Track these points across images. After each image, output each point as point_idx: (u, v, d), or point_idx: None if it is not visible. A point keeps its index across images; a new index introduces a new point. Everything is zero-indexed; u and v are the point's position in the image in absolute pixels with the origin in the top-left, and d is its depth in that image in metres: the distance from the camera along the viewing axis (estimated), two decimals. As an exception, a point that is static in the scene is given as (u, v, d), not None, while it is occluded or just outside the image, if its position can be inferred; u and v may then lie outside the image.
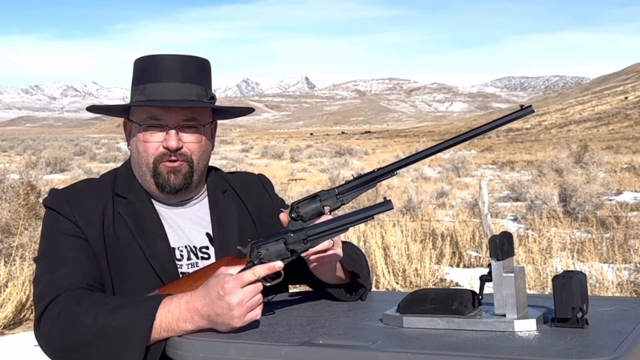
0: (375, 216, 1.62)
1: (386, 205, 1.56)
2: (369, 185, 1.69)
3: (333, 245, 1.67)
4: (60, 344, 1.58)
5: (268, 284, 1.63)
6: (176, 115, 1.76)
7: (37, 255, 1.75)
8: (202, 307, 1.55)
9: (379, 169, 1.67)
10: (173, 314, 1.56)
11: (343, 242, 1.84)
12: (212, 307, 1.54)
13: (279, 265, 1.59)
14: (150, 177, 1.79)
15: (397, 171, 1.66)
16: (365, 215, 1.58)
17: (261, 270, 1.57)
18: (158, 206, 1.83)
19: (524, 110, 1.63)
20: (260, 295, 1.57)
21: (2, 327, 5.85)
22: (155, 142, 1.76)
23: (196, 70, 1.81)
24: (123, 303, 1.59)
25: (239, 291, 1.54)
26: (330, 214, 1.68)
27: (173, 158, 1.76)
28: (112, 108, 1.88)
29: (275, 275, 1.62)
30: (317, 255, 1.66)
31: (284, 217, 1.69)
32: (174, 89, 1.76)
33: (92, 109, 1.89)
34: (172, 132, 1.75)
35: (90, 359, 1.57)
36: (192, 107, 1.78)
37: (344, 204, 1.70)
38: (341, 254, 1.72)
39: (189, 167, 1.79)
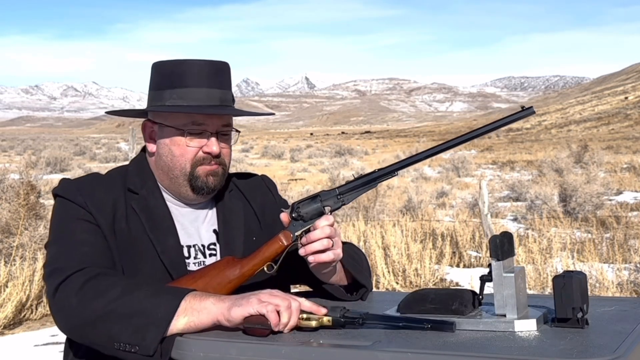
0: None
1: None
2: (370, 185, 1.70)
3: (333, 246, 1.67)
4: (77, 314, 1.55)
5: (269, 272, 1.68)
6: (217, 121, 1.79)
7: (49, 241, 1.72)
8: (231, 297, 1.54)
9: (379, 169, 1.68)
10: (200, 295, 1.54)
11: (343, 243, 1.85)
12: (240, 296, 1.53)
13: (323, 311, 1.52)
14: (184, 180, 1.79)
15: (398, 172, 1.67)
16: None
17: (306, 304, 1.52)
18: (169, 204, 1.84)
19: (525, 112, 1.63)
20: (294, 319, 1.50)
21: (2, 327, 5.85)
22: (195, 147, 1.78)
23: (228, 75, 1.84)
24: (147, 283, 1.60)
25: (272, 292, 1.53)
26: (330, 214, 1.69)
27: (213, 162, 1.79)
28: (135, 111, 1.89)
29: (274, 262, 1.69)
30: (316, 256, 1.66)
31: (284, 217, 1.70)
32: (212, 95, 1.78)
33: (113, 113, 1.90)
34: (214, 138, 1.78)
35: (106, 339, 1.54)
36: (231, 114, 1.81)
37: (344, 204, 1.71)
38: (341, 255, 1.72)
39: (223, 170, 1.82)
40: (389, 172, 1.67)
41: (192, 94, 1.76)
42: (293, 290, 1.99)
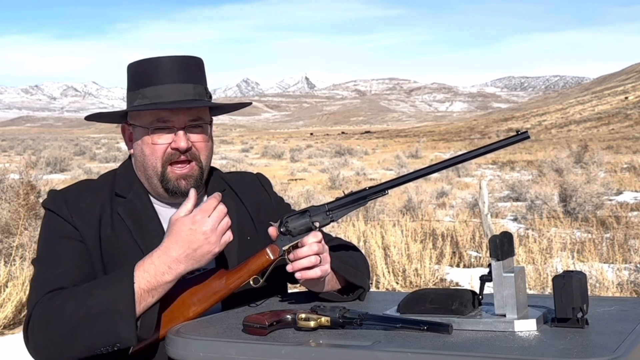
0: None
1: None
2: (360, 203, 1.70)
3: (320, 262, 1.67)
4: (49, 347, 1.58)
5: (256, 286, 1.67)
6: (183, 115, 1.77)
7: (34, 258, 1.77)
8: (177, 252, 1.60)
9: (370, 187, 1.69)
10: (150, 272, 1.60)
11: (339, 245, 1.84)
12: (188, 246, 1.60)
13: (218, 195, 1.66)
14: (157, 180, 1.79)
15: (388, 191, 1.68)
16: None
17: (217, 195, 1.65)
18: (158, 206, 1.83)
19: (520, 136, 1.65)
20: (228, 219, 1.63)
21: (2, 327, 5.85)
22: (163, 143, 1.77)
23: (195, 69, 1.81)
24: (97, 283, 1.62)
25: (207, 219, 1.61)
26: (319, 230, 1.69)
27: (182, 158, 1.77)
28: (112, 114, 1.87)
29: (261, 276, 1.68)
30: (303, 272, 1.66)
31: (272, 230, 1.69)
32: (177, 90, 1.76)
33: (91, 117, 1.88)
34: (181, 132, 1.76)
35: (86, 351, 1.57)
36: (197, 107, 1.79)
37: (333, 221, 1.71)
38: (329, 270, 1.71)
39: (199, 167, 1.80)
40: (379, 190, 1.68)
41: (155, 91, 1.76)
42: (292, 290, 1.99)
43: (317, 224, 1.68)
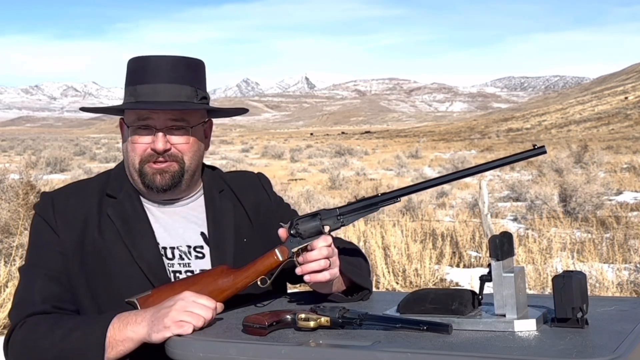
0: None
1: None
2: (371, 209, 1.70)
3: (330, 266, 1.67)
4: None
5: (263, 286, 1.67)
6: (164, 116, 1.75)
7: (21, 265, 1.80)
8: (151, 310, 1.59)
9: (383, 194, 1.69)
10: (122, 322, 1.60)
11: (345, 247, 1.84)
12: (159, 306, 1.59)
13: (220, 306, 1.63)
14: (137, 177, 1.78)
15: (400, 198, 1.68)
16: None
17: (218, 307, 1.62)
18: (149, 205, 1.82)
19: (537, 150, 1.66)
20: (202, 319, 1.55)
21: (2, 327, 5.85)
22: (142, 143, 1.76)
23: (186, 70, 1.78)
24: (77, 324, 1.64)
25: (190, 299, 1.57)
26: (329, 233, 1.68)
27: (160, 159, 1.75)
28: (105, 110, 1.88)
29: (268, 276, 1.67)
30: (312, 275, 1.65)
31: (282, 232, 1.69)
32: (162, 90, 1.74)
33: (86, 109, 1.87)
34: (160, 134, 1.74)
35: None
36: (181, 109, 1.76)
37: (344, 225, 1.70)
38: (337, 274, 1.71)
39: (179, 167, 1.77)
40: (391, 197, 1.67)
41: (140, 90, 1.75)
42: (293, 290, 1.99)
43: (328, 228, 1.68)
